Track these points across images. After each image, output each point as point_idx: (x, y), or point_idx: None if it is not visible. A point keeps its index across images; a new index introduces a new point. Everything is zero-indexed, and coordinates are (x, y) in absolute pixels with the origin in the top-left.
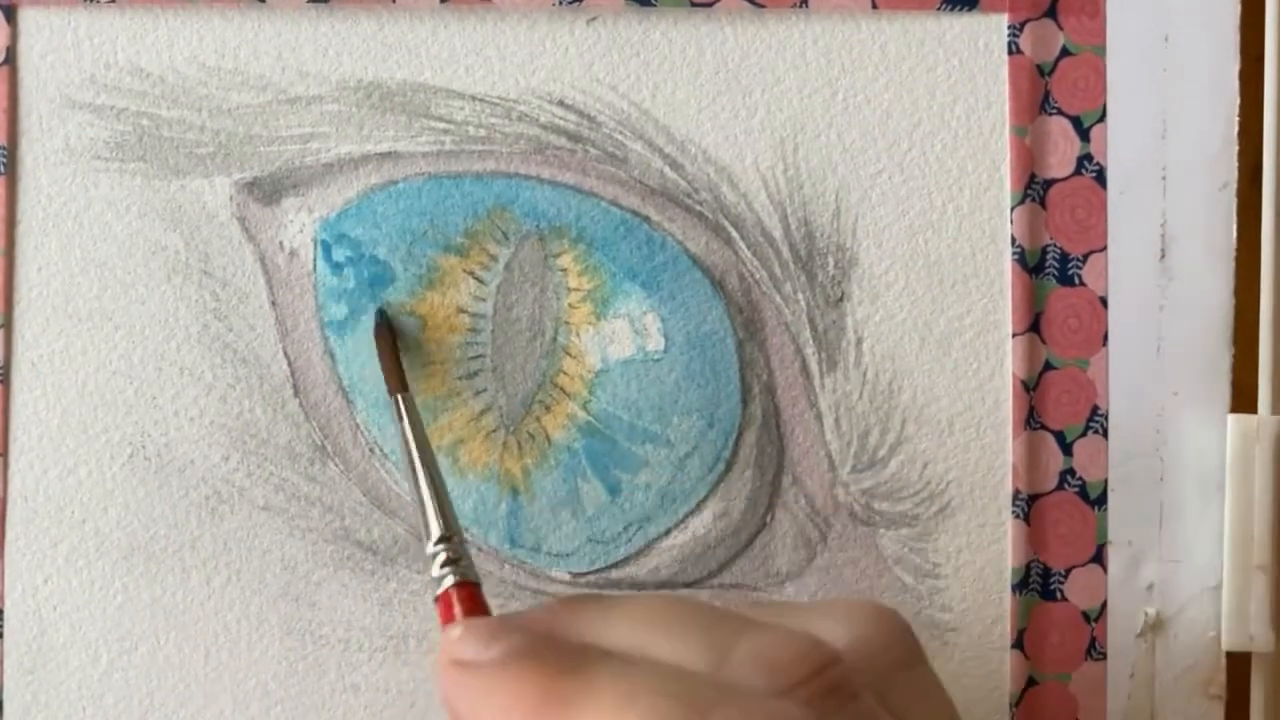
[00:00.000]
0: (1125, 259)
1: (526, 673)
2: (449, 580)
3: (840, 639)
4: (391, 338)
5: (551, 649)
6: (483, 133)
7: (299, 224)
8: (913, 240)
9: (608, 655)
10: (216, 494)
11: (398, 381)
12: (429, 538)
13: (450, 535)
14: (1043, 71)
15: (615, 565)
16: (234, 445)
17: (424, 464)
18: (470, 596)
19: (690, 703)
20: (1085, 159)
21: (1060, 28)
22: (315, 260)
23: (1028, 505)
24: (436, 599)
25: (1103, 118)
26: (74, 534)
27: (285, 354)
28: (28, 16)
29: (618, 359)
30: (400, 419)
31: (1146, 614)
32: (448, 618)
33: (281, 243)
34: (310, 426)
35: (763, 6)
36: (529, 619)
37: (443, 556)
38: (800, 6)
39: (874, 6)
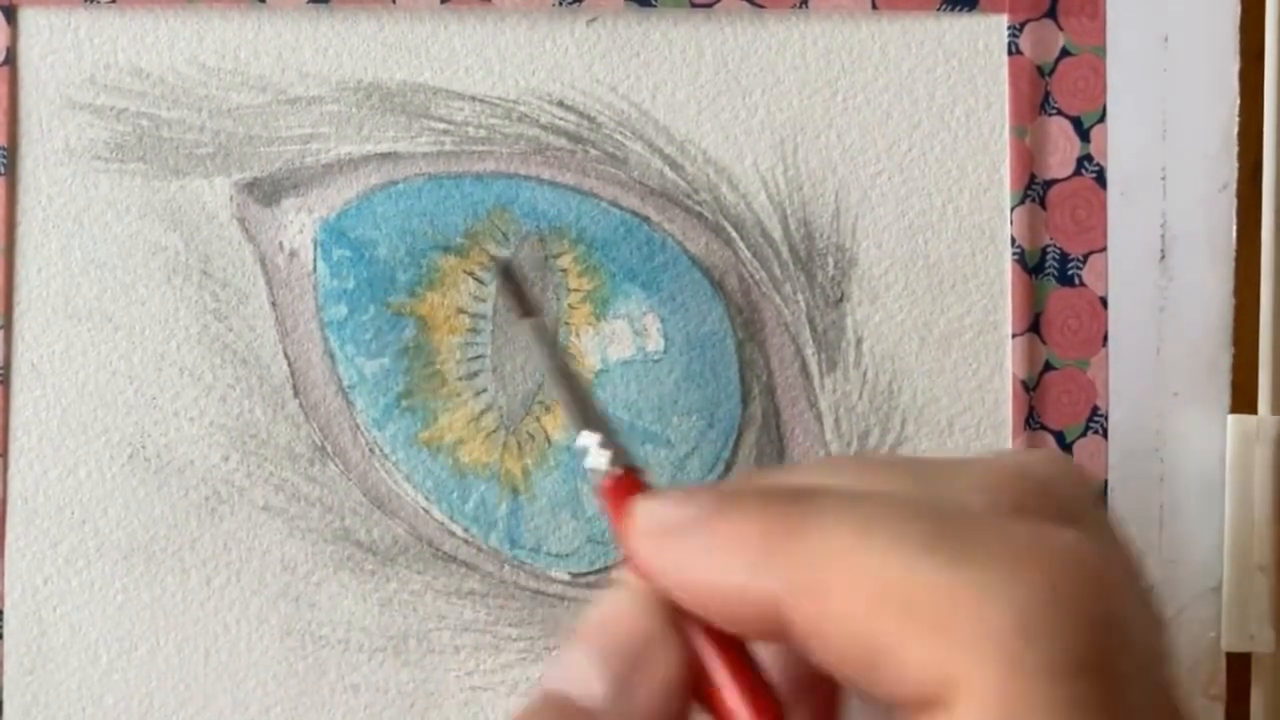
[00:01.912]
0: (1125, 259)
1: (745, 513)
2: (616, 469)
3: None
4: (509, 274)
5: (765, 488)
6: (483, 133)
7: (299, 224)
8: (912, 240)
9: (829, 489)
10: (216, 494)
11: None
12: (583, 428)
13: (607, 429)
14: (1043, 72)
15: (615, 565)
16: (234, 445)
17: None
18: (640, 483)
19: (941, 523)
20: (1085, 159)
21: (1060, 28)
22: (315, 260)
23: None
24: (602, 489)
25: (1103, 118)
26: (74, 534)
27: (285, 354)
28: (28, 16)
29: (618, 359)
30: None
31: None
32: (621, 495)
33: (281, 243)
34: (310, 426)
35: (763, 7)
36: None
37: (607, 451)
38: (800, 7)
39: (874, 7)
